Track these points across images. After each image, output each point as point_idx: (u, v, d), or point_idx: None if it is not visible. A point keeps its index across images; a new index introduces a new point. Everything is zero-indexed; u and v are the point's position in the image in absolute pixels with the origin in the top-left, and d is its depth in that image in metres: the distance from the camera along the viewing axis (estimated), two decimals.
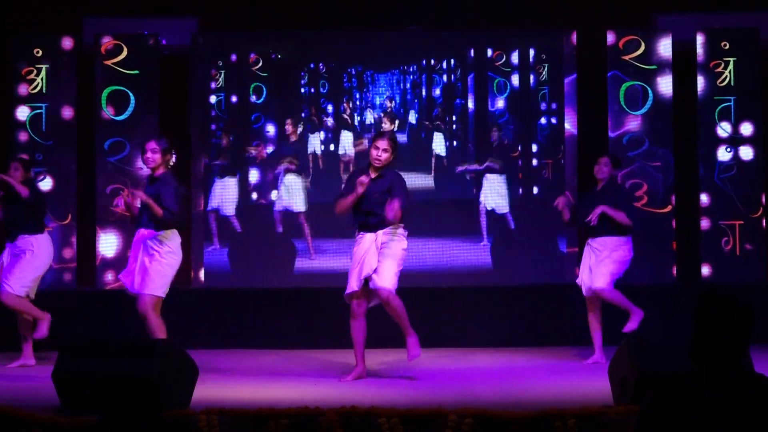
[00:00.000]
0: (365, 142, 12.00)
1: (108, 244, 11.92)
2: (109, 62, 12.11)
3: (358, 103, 12.25)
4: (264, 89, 12.20)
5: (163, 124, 12.13)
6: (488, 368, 9.99)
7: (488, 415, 6.80)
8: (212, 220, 12.18)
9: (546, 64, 12.16)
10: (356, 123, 12.28)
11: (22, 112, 12.07)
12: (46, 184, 12.00)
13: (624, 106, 12.07)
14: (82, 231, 12.12)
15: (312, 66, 12.25)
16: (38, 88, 12.11)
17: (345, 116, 12.25)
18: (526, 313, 11.60)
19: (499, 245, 12.08)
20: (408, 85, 12.26)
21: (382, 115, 12.19)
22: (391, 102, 12.21)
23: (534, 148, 12.20)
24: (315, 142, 12.26)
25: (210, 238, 12.15)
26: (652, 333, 10.71)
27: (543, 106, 12.18)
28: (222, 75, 12.22)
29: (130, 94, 12.09)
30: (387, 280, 8.99)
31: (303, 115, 12.28)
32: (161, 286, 9.12)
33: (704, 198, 12.05)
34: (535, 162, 12.18)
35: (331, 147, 12.27)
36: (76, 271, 12.06)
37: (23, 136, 12.06)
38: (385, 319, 9.49)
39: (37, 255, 10.06)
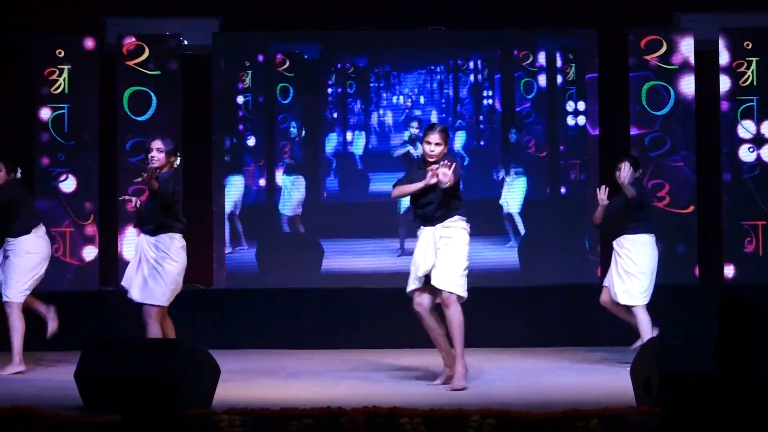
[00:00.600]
0: (409, 149, 12.00)
1: (130, 244, 11.94)
2: (130, 63, 12.14)
3: (384, 103, 12.23)
4: (291, 89, 12.20)
5: (185, 124, 12.15)
6: (511, 368, 9.98)
7: (510, 415, 6.80)
8: (238, 220, 12.18)
9: (573, 64, 12.13)
10: (375, 123, 12.26)
11: (45, 113, 12.10)
12: (68, 184, 12.03)
13: (646, 106, 12.04)
14: (104, 231, 12.15)
15: (339, 66, 12.25)
16: (60, 88, 12.14)
17: (363, 116, 12.24)
18: (550, 314, 11.59)
19: (527, 246, 12.04)
20: (435, 85, 12.25)
21: (410, 120, 12.15)
22: (409, 102, 12.20)
23: (561, 148, 12.16)
24: (332, 143, 12.26)
25: (237, 238, 12.15)
26: (675, 334, 10.69)
27: (570, 106, 12.14)
28: (249, 75, 12.22)
29: (152, 94, 12.12)
30: (447, 280, 8.62)
31: (327, 115, 12.26)
32: (160, 295, 9.07)
33: (727, 198, 12.01)
34: (562, 162, 12.14)
35: (354, 148, 12.25)
36: (98, 271, 12.09)
37: (45, 137, 12.09)
38: (404, 320, 9.49)
39: (23, 258, 9.83)
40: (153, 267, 9.06)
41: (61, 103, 12.13)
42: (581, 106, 12.14)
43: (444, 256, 8.65)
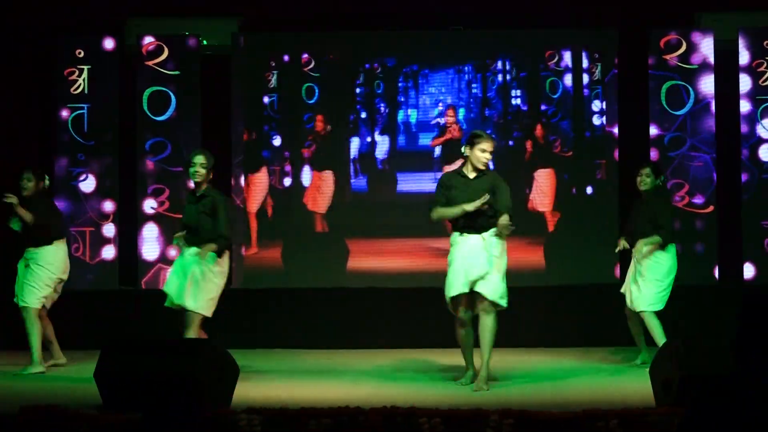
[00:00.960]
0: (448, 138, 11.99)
1: (150, 243, 11.98)
2: (150, 63, 12.17)
3: (412, 102, 12.22)
4: (316, 89, 12.18)
5: (205, 125, 12.16)
6: (530, 368, 9.97)
7: (530, 415, 6.79)
8: (263, 219, 12.17)
9: (599, 64, 12.08)
10: (402, 123, 12.25)
11: (64, 113, 12.13)
12: (88, 184, 12.07)
13: (665, 106, 12.01)
14: (124, 231, 12.16)
15: (368, 66, 12.23)
16: (80, 88, 12.17)
17: (390, 116, 12.22)
18: (572, 314, 11.58)
19: (553, 246, 12.00)
20: (463, 85, 12.22)
21: (446, 109, 12.12)
22: (440, 105, 12.18)
23: (587, 148, 12.11)
24: (359, 142, 12.25)
25: (263, 238, 12.15)
26: (695, 334, 10.66)
27: (596, 105, 12.09)
28: (275, 75, 12.22)
29: (172, 94, 12.14)
30: (495, 291, 8.72)
31: (354, 115, 12.25)
32: (208, 306, 9.26)
33: (746, 198, 11.98)
34: (588, 162, 12.10)
35: (381, 147, 12.23)
36: (118, 271, 12.12)
37: (65, 137, 12.13)
38: (428, 320, 9.48)
39: (41, 268, 9.94)
40: (209, 279, 9.21)
41: (81, 103, 12.16)
42: (606, 105, 12.10)
43: (495, 267, 8.75)
